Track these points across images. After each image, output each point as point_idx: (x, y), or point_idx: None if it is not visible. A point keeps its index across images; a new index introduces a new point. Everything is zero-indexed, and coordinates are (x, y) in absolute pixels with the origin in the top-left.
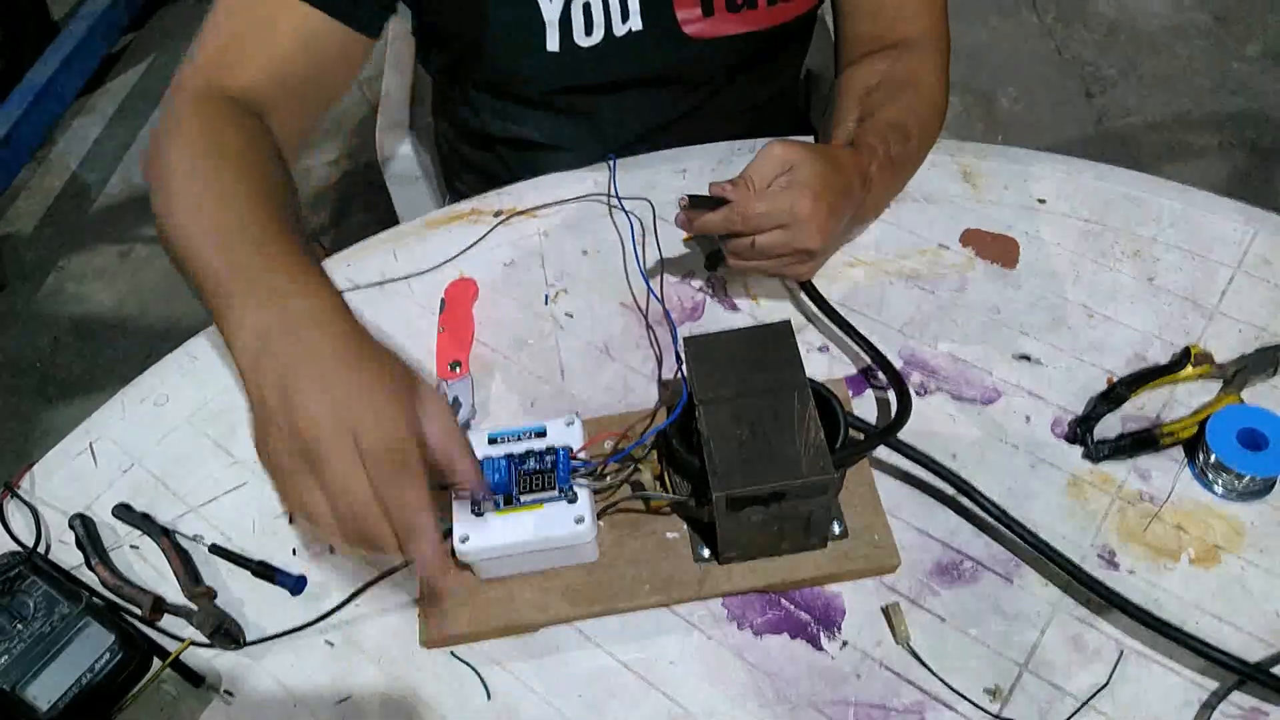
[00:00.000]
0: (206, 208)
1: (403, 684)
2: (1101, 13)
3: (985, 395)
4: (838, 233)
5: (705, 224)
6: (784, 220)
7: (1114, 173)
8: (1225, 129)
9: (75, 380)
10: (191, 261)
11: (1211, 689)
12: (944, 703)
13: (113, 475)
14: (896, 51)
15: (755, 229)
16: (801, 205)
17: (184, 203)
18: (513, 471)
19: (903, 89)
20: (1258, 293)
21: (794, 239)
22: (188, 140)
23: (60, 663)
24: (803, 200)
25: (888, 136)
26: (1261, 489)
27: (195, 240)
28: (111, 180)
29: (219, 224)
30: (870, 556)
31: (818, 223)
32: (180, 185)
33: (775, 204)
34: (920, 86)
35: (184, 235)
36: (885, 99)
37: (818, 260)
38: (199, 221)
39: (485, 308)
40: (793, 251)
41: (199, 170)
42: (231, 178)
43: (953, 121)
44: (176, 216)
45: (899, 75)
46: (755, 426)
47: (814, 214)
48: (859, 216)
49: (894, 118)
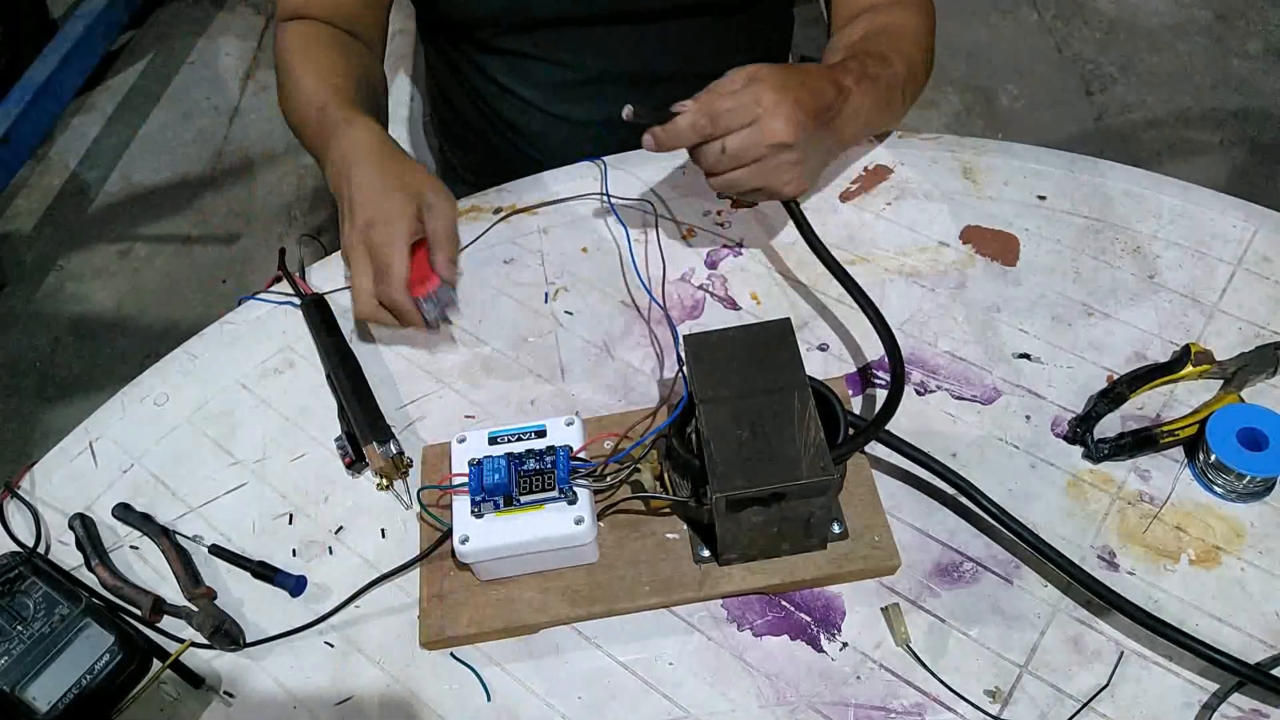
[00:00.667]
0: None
1: (403, 685)
2: (1101, 10)
3: (985, 394)
4: (811, 133)
5: (675, 133)
6: (751, 114)
7: (1114, 169)
8: (1226, 126)
9: (75, 380)
10: (304, 127)
11: (1211, 690)
12: (944, 704)
13: (113, 475)
14: (878, 9)
15: (724, 128)
16: (765, 96)
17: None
18: (513, 471)
19: (883, 32)
20: (1258, 290)
21: (764, 133)
22: (292, 53)
23: (60, 664)
24: (766, 92)
25: (864, 60)
26: (1261, 489)
27: (303, 113)
28: (111, 179)
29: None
30: (870, 557)
31: (785, 112)
32: (293, 76)
33: (739, 99)
34: (902, 29)
35: (298, 113)
36: (867, 43)
37: (799, 168)
38: (302, 100)
39: (485, 306)
40: (767, 150)
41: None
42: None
43: (953, 119)
44: (291, 102)
45: (880, 24)
46: (755, 426)
47: (779, 103)
48: (839, 129)
49: (871, 48)
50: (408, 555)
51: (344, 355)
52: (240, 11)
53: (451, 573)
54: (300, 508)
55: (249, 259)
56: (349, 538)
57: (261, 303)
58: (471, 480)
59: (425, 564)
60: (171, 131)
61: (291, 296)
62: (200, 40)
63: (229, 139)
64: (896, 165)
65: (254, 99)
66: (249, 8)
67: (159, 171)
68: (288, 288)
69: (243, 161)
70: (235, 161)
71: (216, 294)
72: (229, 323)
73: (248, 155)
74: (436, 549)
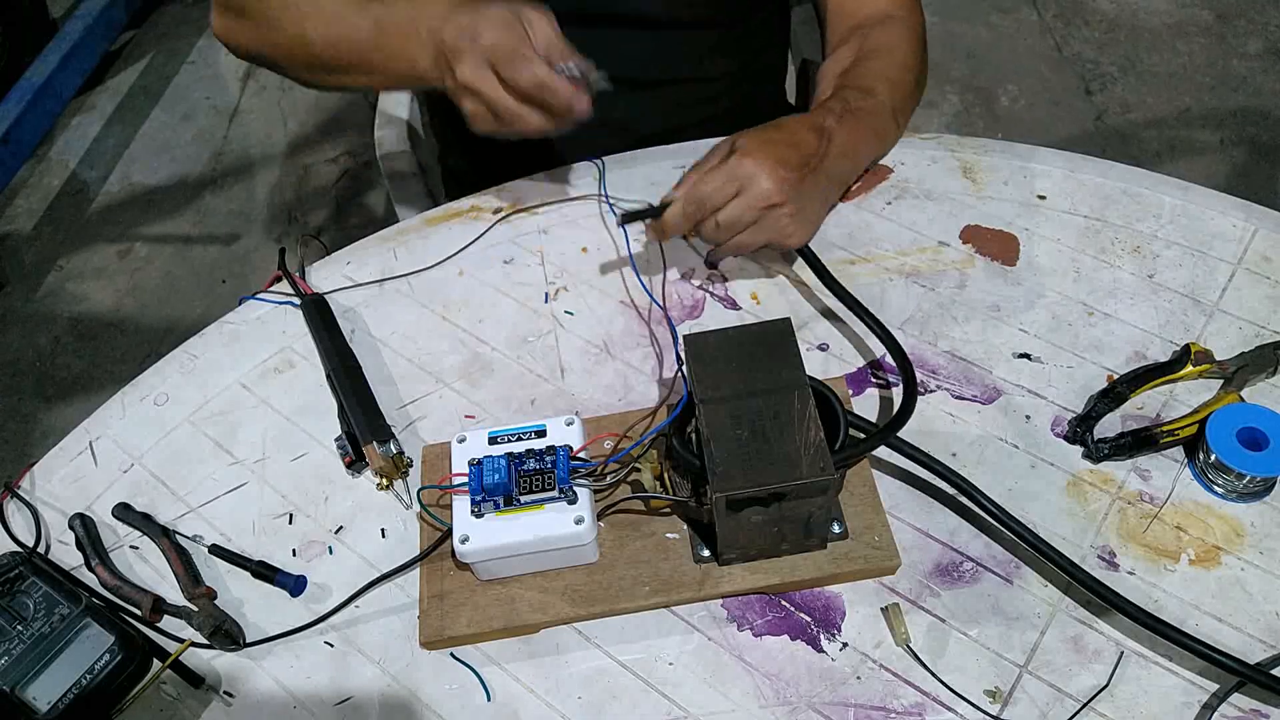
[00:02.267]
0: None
1: (403, 685)
2: (1101, 10)
3: (985, 394)
4: (801, 184)
5: (670, 225)
6: (735, 186)
7: (1114, 169)
8: (1226, 126)
9: (75, 380)
10: (341, 42)
11: (1211, 690)
12: (944, 704)
13: (113, 475)
14: (866, 30)
15: (712, 206)
16: (743, 165)
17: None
18: (513, 471)
19: (870, 57)
20: (1258, 290)
21: (752, 198)
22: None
23: (60, 664)
24: (744, 161)
25: (846, 95)
26: (1261, 489)
27: (333, 28)
28: (111, 179)
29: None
30: (870, 557)
31: (766, 172)
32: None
33: (720, 175)
34: (890, 51)
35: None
36: (854, 72)
37: (797, 218)
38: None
39: (485, 306)
40: (760, 211)
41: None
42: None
43: (953, 119)
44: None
45: (868, 47)
46: (755, 426)
47: (759, 165)
48: (829, 170)
49: (855, 81)
50: (408, 555)
51: (344, 355)
52: None
53: (451, 573)
54: (300, 508)
55: (249, 259)
56: (349, 538)
57: (261, 303)
58: (471, 480)
59: (425, 564)
60: (171, 131)
61: (291, 296)
62: (200, 40)
63: (229, 139)
64: (896, 165)
65: (254, 99)
66: None
67: (159, 171)
68: (288, 288)
69: (243, 161)
70: (235, 161)
71: (216, 294)
72: (229, 323)
73: (248, 155)
74: (436, 549)
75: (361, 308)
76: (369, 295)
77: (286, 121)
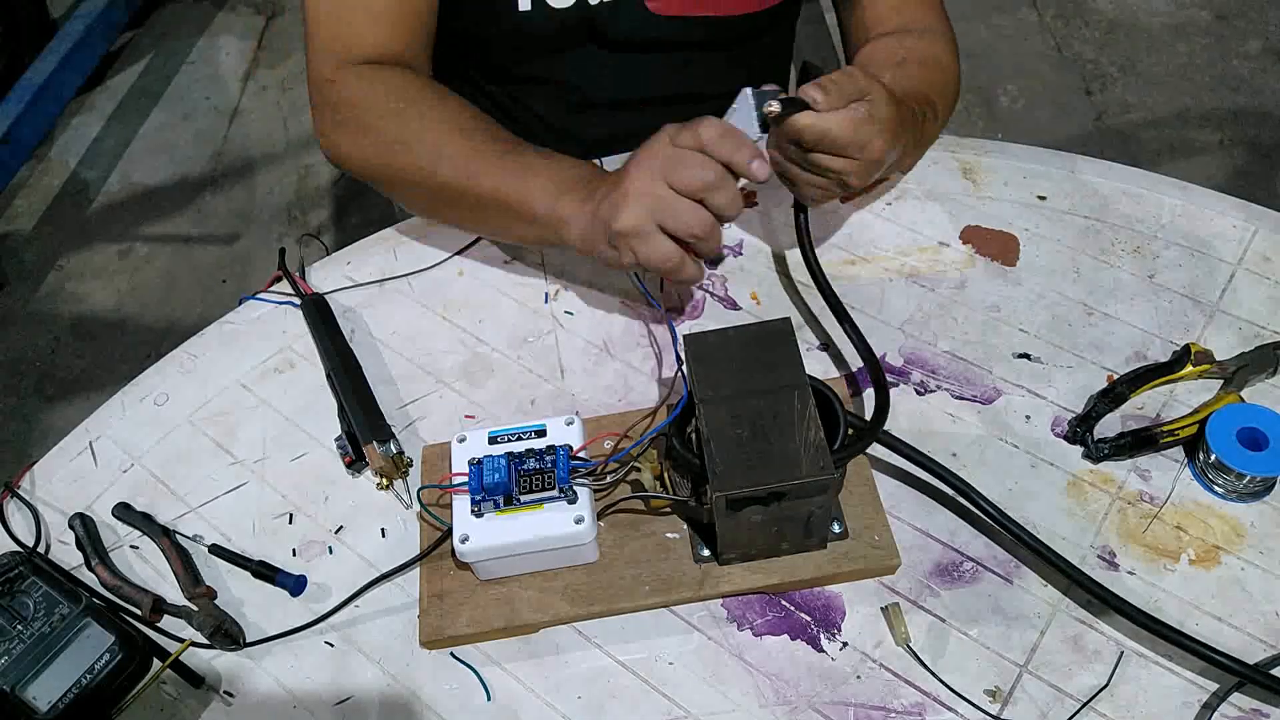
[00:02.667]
0: (448, 147)
1: (403, 684)
2: (1101, 10)
3: (985, 394)
4: (899, 132)
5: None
6: (854, 153)
7: (1114, 169)
8: (1226, 126)
9: (75, 380)
10: (473, 190)
11: (1211, 690)
12: (944, 704)
13: (113, 475)
14: (911, 34)
15: (827, 148)
16: (874, 146)
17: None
18: (513, 471)
19: (926, 66)
20: (1258, 290)
21: (850, 171)
22: (373, 108)
23: (60, 663)
24: (877, 141)
25: (923, 109)
26: (1261, 489)
27: (462, 170)
28: (111, 179)
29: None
30: (870, 557)
31: (876, 166)
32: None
33: (857, 135)
34: (941, 67)
35: (451, 176)
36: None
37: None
38: (453, 159)
39: (485, 306)
40: (838, 178)
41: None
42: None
43: (953, 119)
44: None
45: (921, 53)
46: (755, 426)
47: (880, 159)
48: (908, 142)
49: (924, 92)
50: (408, 555)
51: (344, 355)
52: (240, 11)
53: (451, 572)
54: (300, 507)
55: (249, 259)
56: (349, 537)
57: (261, 303)
58: (471, 480)
59: (425, 564)
60: (171, 131)
61: (291, 296)
62: (200, 40)
63: (229, 139)
64: None
65: (254, 99)
66: (249, 8)
67: (159, 171)
68: (288, 288)
69: (243, 161)
70: (235, 161)
71: (216, 294)
72: (229, 322)
73: (248, 155)
74: (436, 548)
75: (361, 308)
76: (369, 295)
77: (286, 121)
